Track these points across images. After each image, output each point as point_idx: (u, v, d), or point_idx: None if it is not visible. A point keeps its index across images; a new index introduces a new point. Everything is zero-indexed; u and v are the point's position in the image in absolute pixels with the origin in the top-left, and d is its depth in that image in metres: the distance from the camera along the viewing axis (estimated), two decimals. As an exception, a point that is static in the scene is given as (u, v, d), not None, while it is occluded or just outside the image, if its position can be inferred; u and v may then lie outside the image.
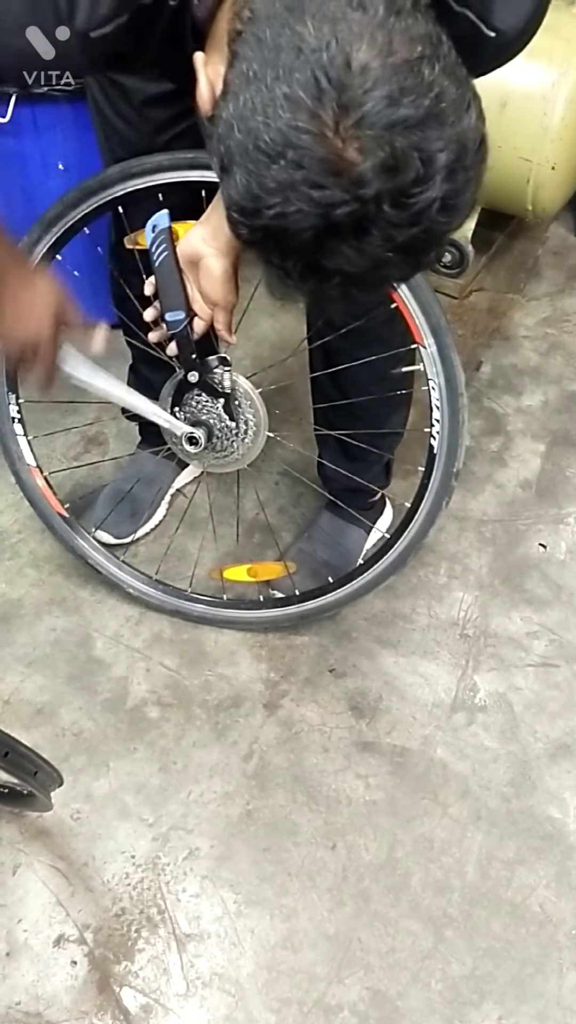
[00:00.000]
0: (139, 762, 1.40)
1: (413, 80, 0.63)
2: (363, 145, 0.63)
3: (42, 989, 1.19)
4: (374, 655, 1.52)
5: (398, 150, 0.63)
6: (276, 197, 0.65)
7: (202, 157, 1.12)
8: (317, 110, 0.63)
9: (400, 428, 1.49)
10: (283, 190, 0.64)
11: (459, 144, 0.65)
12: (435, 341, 1.14)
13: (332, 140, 0.63)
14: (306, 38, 0.63)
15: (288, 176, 0.64)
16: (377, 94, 0.62)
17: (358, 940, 1.23)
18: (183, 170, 1.13)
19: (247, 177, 0.66)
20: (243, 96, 0.66)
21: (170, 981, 1.20)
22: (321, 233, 0.65)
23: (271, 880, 1.28)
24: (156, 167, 1.13)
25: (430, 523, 1.31)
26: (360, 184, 0.63)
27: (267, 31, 0.66)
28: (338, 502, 1.56)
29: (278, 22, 0.65)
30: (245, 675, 1.50)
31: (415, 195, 0.64)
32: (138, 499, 1.66)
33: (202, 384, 1.23)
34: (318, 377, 1.43)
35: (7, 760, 1.00)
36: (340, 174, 0.63)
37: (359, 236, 0.65)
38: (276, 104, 0.63)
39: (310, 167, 0.63)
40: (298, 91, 0.63)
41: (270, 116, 0.64)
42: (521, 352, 2.03)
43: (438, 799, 1.36)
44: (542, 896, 1.27)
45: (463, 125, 0.65)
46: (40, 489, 1.50)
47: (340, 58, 0.62)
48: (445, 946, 1.23)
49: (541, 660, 1.51)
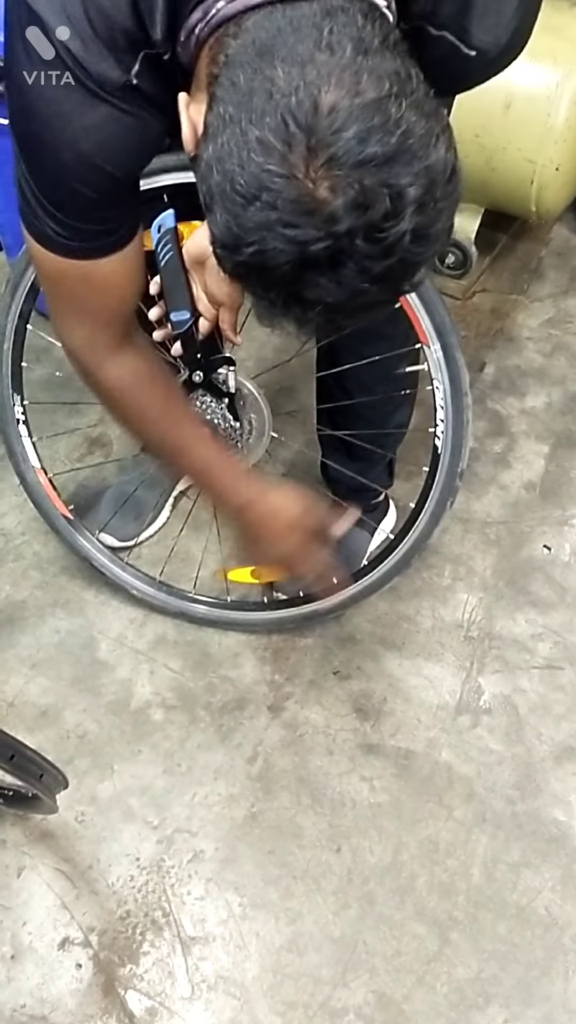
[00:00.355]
0: (143, 764, 1.40)
1: (380, 118, 0.64)
2: (334, 184, 0.64)
3: (47, 992, 1.19)
4: (378, 657, 1.52)
5: (367, 187, 0.64)
6: (254, 236, 0.66)
7: (207, 158, 1.12)
8: (287, 153, 0.64)
9: (404, 427, 1.49)
10: (260, 229, 0.66)
11: (428, 178, 0.66)
12: (440, 341, 1.14)
13: (303, 181, 0.64)
14: (276, 82, 0.65)
15: (264, 216, 0.65)
16: (345, 135, 0.63)
17: (363, 943, 1.23)
18: (189, 171, 1.12)
19: (227, 216, 0.67)
20: (220, 139, 0.67)
21: (175, 984, 1.20)
22: (298, 267, 0.67)
23: (276, 883, 1.28)
24: (162, 168, 1.13)
25: (434, 524, 1.30)
26: (332, 222, 0.64)
27: (240, 75, 0.67)
28: (342, 503, 1.55)
29: (251, 67, 0.67)
30: (249, 677, 1.50)
31: (386, 229, 0.65)
32: (142, 501, 1.65)
33: (206, 384, 1.23)
34: (322, 377, 1.43)
35: (12, 763, 1.00)
36: (312, 213, 0.65)
37: (335, 269, 0.67)
38: (249, 148, 0.65)
39: (283, 208, 0.65)
40: (268, 135, 0.64)
41: (244, 160, 0.65)
42: (525, 353, 2.03)
43: (443, 802, 1.35)
44: (548, 899, 1.26)
45: (432, 159, 0.66)
46: (45, 491, 1.50)
47: (308, 102, 0.64)
48: (450, 949, 1.22)
49: (546, 662, 1.51)
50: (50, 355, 1.95)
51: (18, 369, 1.40)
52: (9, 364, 1.39)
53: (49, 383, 1.77)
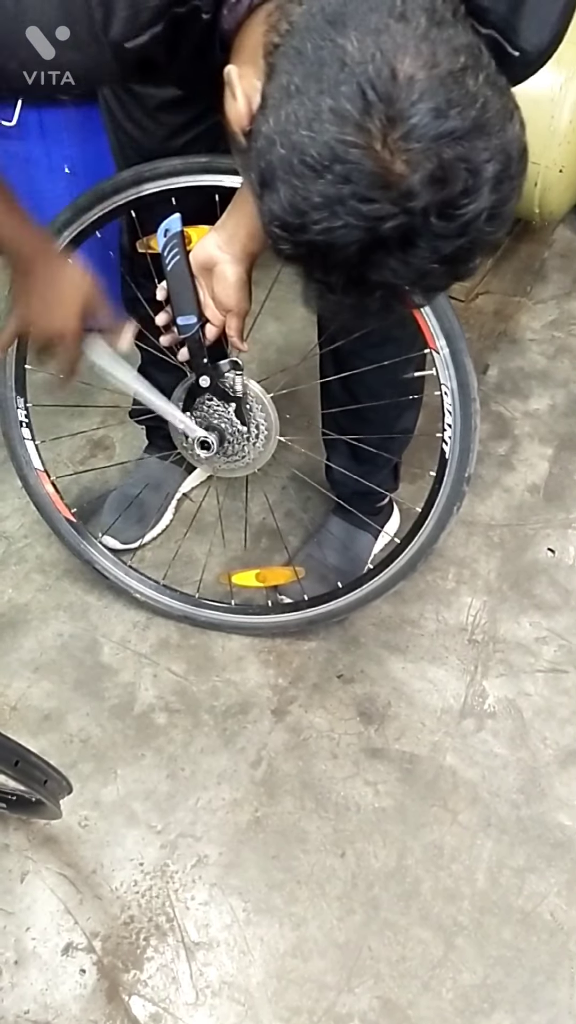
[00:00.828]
0: (147, 769, 1.39)
1: (458, 91, 0.62)
2: (411, 158, 0.62)
3: (51, 998, 1.18)
4: (382, 661, 1.52)
5: (446, 162, 0.62)
6: (322, 212, 0.64)
7: (216, 161, 1.12)
8: (364, 123, 0.62)
9: (410, 432, 1.49)
10: (329, 204, 0.64)
11: (505, 154, 0.65)
12: (448, 345, 1.13)
13: (380, 153, 0.62)
14: (349, 50, 0.63)
15: (335, 190, 0.63)
16: (424, 106, 0.62)
17: (368, 948, 1.22)
18: (197, 174, 1.12)
19: (291, 192, 0.65)
20: (285, 110, 0.65)
21: (179, 990, 1.19)
22: (367, 247, 0.65)
23: (280, 888, 1.27)
24: (170, 171, 1.12)
25: (441, 528, 1.30)
26: (409, 197, 0.63)
27: (308, 44, 0.65)
28: (347, 506, 1.55)
29: (319, 35, 0.65)
30: (253, 681, 1.50)
31: (463, 206, 0.64)
32: (145, 504, 1.65)
33: (214, 388, 1.22)
34: (328, 382, 1.43)
35: (17, 769, 0.99)
36: (389, 187, 0.63)
37: (405, 249, 0.65)
38: (321, 117, 0.63)
39: (358, 181, 0.63)
40: (344, 104, 0.62)
41: (315, 130, 0.63)
42: (528, 355, 2.02)
43: (448, 806, 1.35)
44: (553, 904, 1.26)
45: (508, 135, 0.65)
46: (47, 494, 1.49)
47: (386, 70, 0.62)
48: (455, 954, 1.22)
49: (550, 666, 1.50)
50: (52, 356, 1.95)
51: (22, 371, 1.40)
52: (13, 366, 1.39)
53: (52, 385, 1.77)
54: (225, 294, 1.10)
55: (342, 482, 1.54)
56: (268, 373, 1.72)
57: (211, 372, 1.21)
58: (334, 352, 1.35)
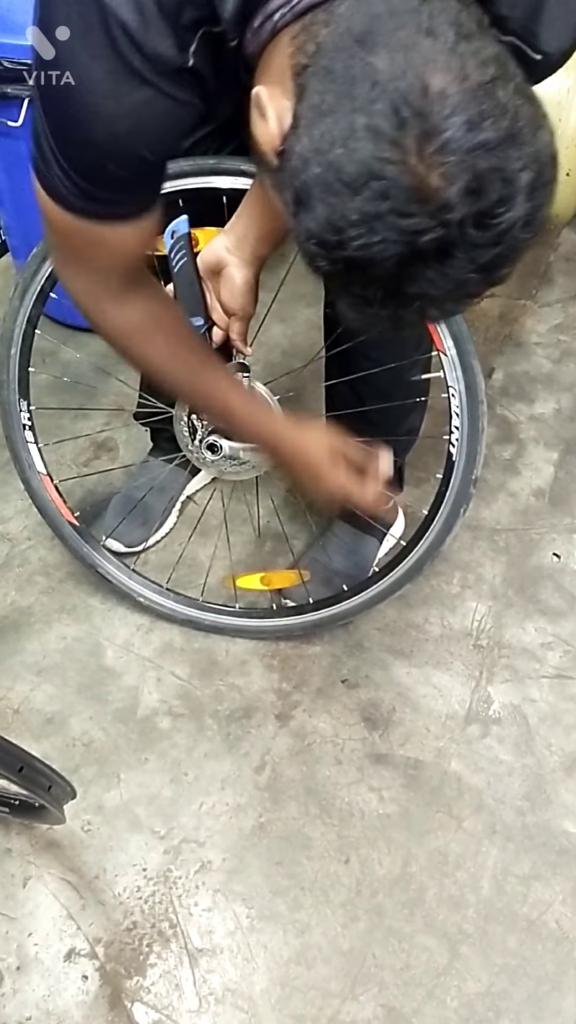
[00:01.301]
0: (150, 773, 1.38)
1: (490, 103, 0.63)
2: (446, 171, 0.63)
3: (53, 1004, 1.17)
4: (387, 665, 1.51)
5: (481, 173, 0.63)
6: (360, 228, 0.64)
7: (225, 163, 1.11)
8: (399, 139, 0.62)
9: (415, 434, 1.48)
10: (367, 221, 0.64)
11: (538, 162, 0.65)
12: (456, 347, 1.12)
13: (416, 167, 0.63)
14: (380, 68, 0.63)
15: (373, 207, 0.64)
16: (457, 119, 0.62)
17: (372, 956, 1.21)
18: (206, 176, 1.11)
19: (328, 210, 0.65)
20: (319, 129, 0.65)
21: (182, 997, 1.18)
22: (405, 260, 0.65)
23: (284, 894, 1.26)
24: (178, 173, 1.11)
25: (447, 531, 1.29)
26: (446, 209, 0.63)
27: (337, 63, 0.66)
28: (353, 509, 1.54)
29: (348, 54, 0.65)
30: (257, 685, 1.49)
31: (499, 216, 0.64)
32: (149, 507, 1.64)
33: None
34: (334, 384, 1.42)
35: (22, 775, 0.98)
36: (426, 201, 0.63)
37: (443, 260, 0.65)
38: (356, 135, 0.63)
39: (395, 196, 0.63)
40: (378, 121, 0.62)
41: (350, 148, 0.63)
42: (533, 359, 2.02)
43: (452, 813, 1.34)
44: (558, 912, 1.25)
45: (539, 143, 0.65)
46: (51, 497, 1.48)
47: (417, 85, 0.62)
48: (460, 963, 1.21)
49: (556, 672, 1.50)
50: (56, 358, 1.95)
51: (25, 374, 1.39)
52: (16, 369, 1.38)
53: (55, 387, 1.77)
54: (231, 297, 1.10)
55: (348, 485, 1.53)
56: (273, 375, 1.72)
57: None
58: (340, 354, 1.35)
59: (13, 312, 1.33)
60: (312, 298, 1.94)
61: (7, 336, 1.35)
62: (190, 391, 1.10)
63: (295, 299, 1.99)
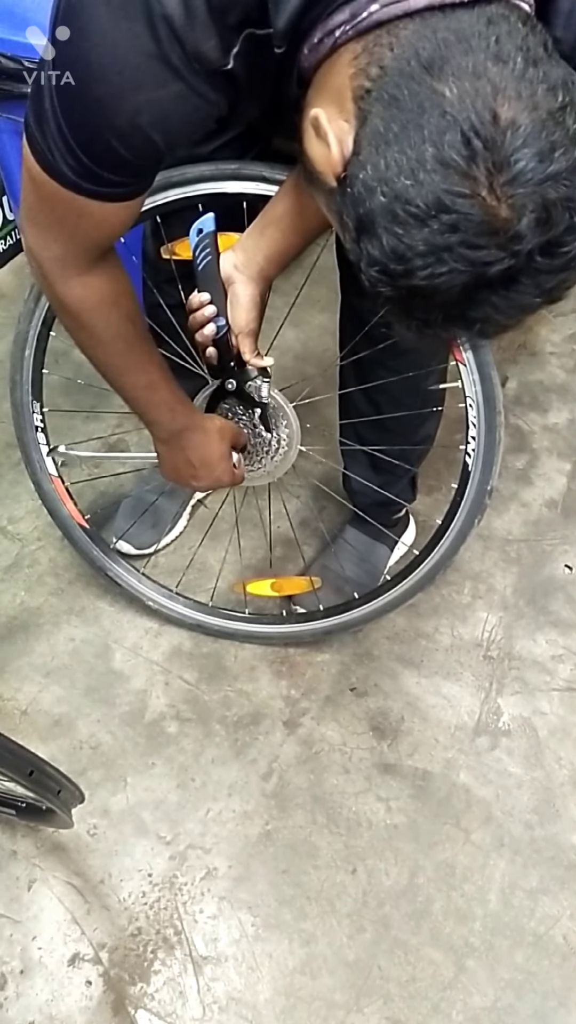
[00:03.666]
0: (157, 778, 1.38)
1: (560, 132, 0.62)
2: (516, 202, 0.62)
3: (56, 1009, 1.17)
4: (396, 675, 1.50)
5: (550, 203, 0.62)
6: (427, 259, 0.64)
7: (246, 169, 1.10)
8: (470, 171, 0.62)
9: (430, 442, 1.48)
10: (435, 252, 0.64)
11: None
12: (474, 358, 1.12)
13: (487, 200, 0.62)
14: (448, 97, 0.62)
15: (442, 239, 0.63)
16: (528, 151, 0.62)
17: (378, 968, 1.21)
18: (226, 181, 1.11)
19: (394, 240, 0.65)
20: (385, 158, 0.65)
21: (186, 1004, 1.17)
22: (471, 288, 0.65)
23: (290, 903, 1.26)
24: (198, 177, 1.11)
25: (461, 541, 1.29)
26: (516, 241, 0.63)
27: (404, 90, 0.64)
28: (364, 516, 1.54)
29: (414, 80, 0.64)
30: (265, 691, 1.48)
31: (568, 243, 0.64)
32: (160, 510, 1.64)
33: (239, 393, 1.20)
34: (350, 392, 1.41)
35: (31, 779, 0.98)
36: (496, 233, 0.63)
37: (509, 287, 0.65)
38: (425, 166, 0.62)
39: (466, 229, 0.63)
40: (448, 152, 0.62)
41: (419, 179, 0.63)
42: (548, 368, 2.01)
43: (460, 824, 1.33)
44: (566, 927, 1.24)
45: None
46: (62, 499, 1.48)
47: (488, 115, 0.62)
48: (466, 976, 1.20)
49: (566, 684, 1.49)
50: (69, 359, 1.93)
51: (39, 376, 1.38)
52: (30, 371, 1.37)
53: (67, 389, 1.76)
54: (235, 313, 1.09)
55: (360, 492, 1.52)
56: (286, 380, 1.70)
57: (238, 375, 1.18)
58: (357, 362, 1.34)
59: (28, 313, 1.32)
60: (326, 303, 1.94)
61: (21, 337, 1.35)
62: (123, 370, 1.09)
63: (309, 304, 1.98)
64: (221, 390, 1.21)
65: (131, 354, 1.08)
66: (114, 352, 1.07)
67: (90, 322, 1.02)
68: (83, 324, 1.03)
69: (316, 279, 1.46)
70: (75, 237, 0.93)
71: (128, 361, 1.08)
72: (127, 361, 1.08)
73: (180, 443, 1.18)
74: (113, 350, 1.06)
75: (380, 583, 1.46)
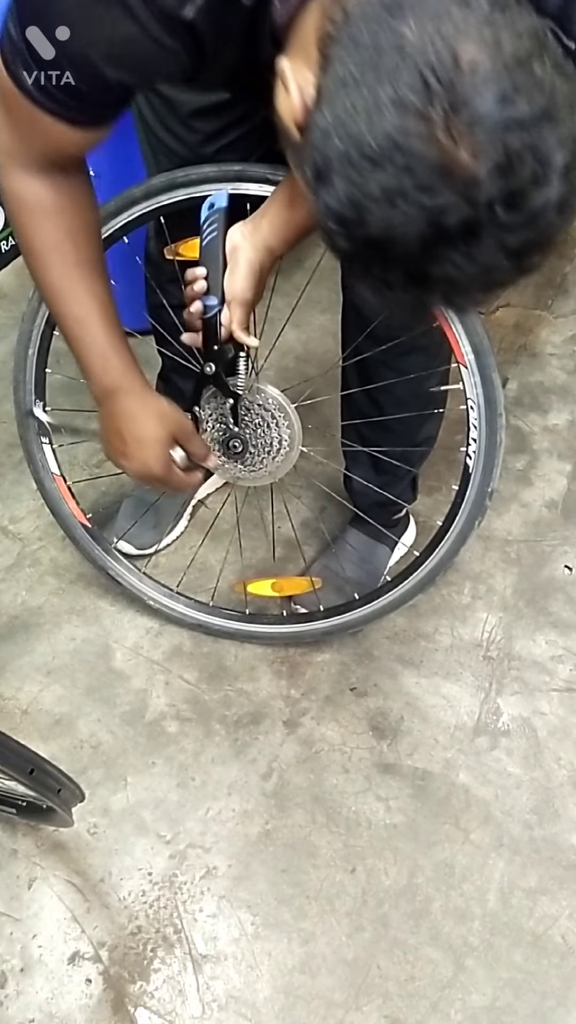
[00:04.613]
0: (157, 777, 1.38)
1: (524, 77, 0.60)
2: (476, 146, 0.59)
3: (56, 1007, 1.17)
4: (396, 675, 1.51)
5: (512, 150, 0.59)
6: (381, 204, 0.61)
7: (250, 170, 1.11)
8: (426, 111, 0.59)
9: (431, 443, 1.48)
10: (389, 197, 0.61)
11: (575, 142, 0.61)
12: (476, 360, 1.12)
13: (443, 142, 0.59)
14: (408, 37, 0.60)
15: (396, 182, 0.60)
16: (488, 93, 0.59)
17: (377, 967, 1.21)
18: (230, 182, 1.11)
19: (348, 185, 0.62)
20: (341, 101, 0.62)
21: (186, 1003, 1.18)
22: (429, 240, 0.62)
23: (289, 902, 1.26)
24: (202, 178, 1.11)
25: (461, 542, 1.29)
26: (473, 187, 0.60)
27: (364, 32, 0.62)
28: (365, 517, 1.54)
29: (375, 22, 0.62)
30: (265, 691, 1.48)
31: (531, 196, 0.61)
32: (161, 509, 1.64)
33: (216, 379, 1.17)
34: (352, 393, 1.42)
35: (32, 778, 0.98)
36: (452, 177, 0.60)
37: (469, 242, 0.62)
38: (381, 107, 0.60)
39: (420, 171, 0.60)
40: (405, 92, 0.59)
41: (374, 120, 0.60)
42: (548, 370, 2.01)
43: (460, 824, 1.34)
44: (564, 927, 1.25)
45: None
46: (64, 499, 1.48)
47: (447, 56, 0.59)
48: (465, 976, 1.21)
49: (566, 685, 1.49)
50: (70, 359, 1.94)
51: (42, 375, 1.39)
52: (33, 370, 1.38)
53: (69, 388, 1.75)
54: (231, 280, 1.07)
55: (361, 493, 1.53)
56: (287, 380, 1.71)
57: (217, 357, 1.15)
58: (360, 363, 1.34)
59: (32, 312, 1.33)
60: (327, 304, 1.94)
61: (25, 337, 1.35)
62: (57, 293, 1.04)
63: (310, 305, 1.98)
64: (203, 374, 1.18)
65: (66, 279, 1.03)
66: (46, 267, 1.02)
67: (26, 225, 1.00)
68: (19, 225, 1.00)
69: (318, 280, 1.47)
70: (24, 140, 0.93)
71: (63, 285, 1.03)
72: (62, 284, 1.03)
73: (112, 407, 1.10)
74: (45, 264, 1.02)
75: (380, 584, 1.46)
